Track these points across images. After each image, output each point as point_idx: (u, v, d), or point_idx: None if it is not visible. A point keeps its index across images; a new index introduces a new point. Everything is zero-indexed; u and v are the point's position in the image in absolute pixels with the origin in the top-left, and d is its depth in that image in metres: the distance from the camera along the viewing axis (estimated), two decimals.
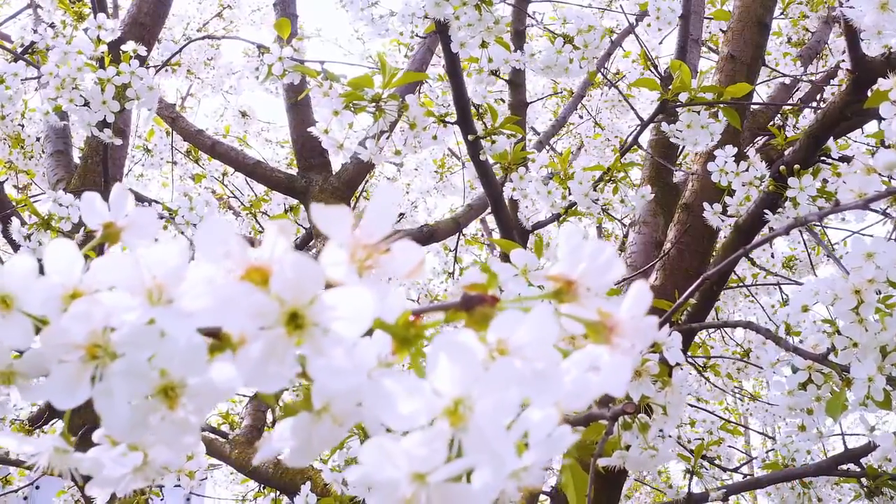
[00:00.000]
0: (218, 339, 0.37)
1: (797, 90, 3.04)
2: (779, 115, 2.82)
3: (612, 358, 0.37)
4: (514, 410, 0.32)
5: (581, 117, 5.12)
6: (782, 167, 1.62)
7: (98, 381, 0.36)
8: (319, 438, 0.39)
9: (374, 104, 1.49)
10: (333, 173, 3.13)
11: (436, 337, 0.31)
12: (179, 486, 2.11)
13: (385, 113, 1.51)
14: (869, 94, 1.54)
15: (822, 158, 1.73)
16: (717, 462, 2.76)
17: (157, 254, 0.36)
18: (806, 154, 1.62)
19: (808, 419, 1.47)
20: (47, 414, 2.87)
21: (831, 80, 2.89)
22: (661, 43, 4.03)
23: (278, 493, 3.82)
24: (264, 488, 3.93)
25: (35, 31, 2.21)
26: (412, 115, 1.55)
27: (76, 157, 2.90)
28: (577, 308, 0.39)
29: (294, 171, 3.32)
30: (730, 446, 3.14)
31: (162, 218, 2.17)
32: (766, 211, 1.64)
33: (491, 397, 0.31)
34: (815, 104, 2.87)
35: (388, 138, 1.68)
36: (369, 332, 0.34)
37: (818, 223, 2.32)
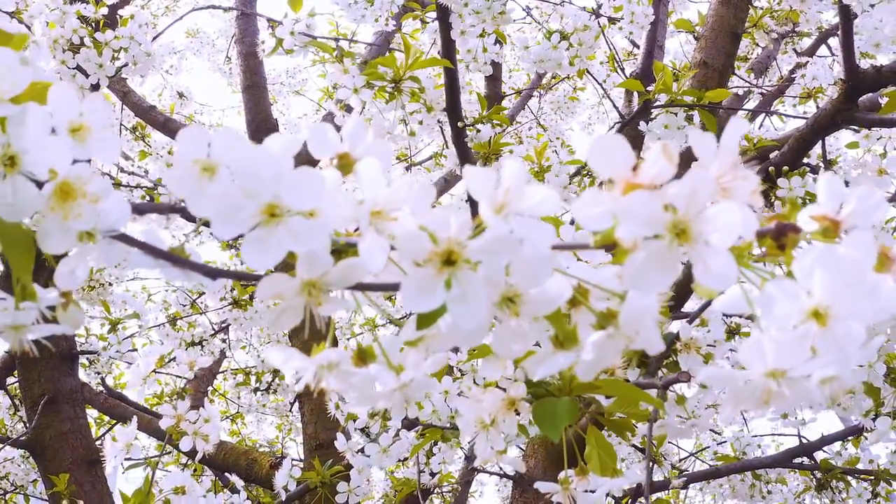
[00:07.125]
0: None
1: (748, 100, 3.17)
2: None
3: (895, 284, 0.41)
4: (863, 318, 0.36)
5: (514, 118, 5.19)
6: (771, 168, 1.71)
7: (453, 287, 0.39)
8: (613, 352, 0.43)
9: (393, 84, 1.52)
10: None
11: (811, 248, 0.36)
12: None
13: (403, 93, 1.54)
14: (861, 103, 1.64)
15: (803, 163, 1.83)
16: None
17: (506, 170, 0.40)
18: (794, 156, 1.71)
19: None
20: None
21: (783, 93, 3.03)
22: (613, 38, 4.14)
23: (216, 475, 3.78)
24: (194, 471, 3.88)
25: None
26: (429, 98, 1.58)
27: None
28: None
29: None
30: (669, 442, 3.27)
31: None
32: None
33: (851, 305, 0.36)
34: (765, 114, 3.01)
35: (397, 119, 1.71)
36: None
37: None
